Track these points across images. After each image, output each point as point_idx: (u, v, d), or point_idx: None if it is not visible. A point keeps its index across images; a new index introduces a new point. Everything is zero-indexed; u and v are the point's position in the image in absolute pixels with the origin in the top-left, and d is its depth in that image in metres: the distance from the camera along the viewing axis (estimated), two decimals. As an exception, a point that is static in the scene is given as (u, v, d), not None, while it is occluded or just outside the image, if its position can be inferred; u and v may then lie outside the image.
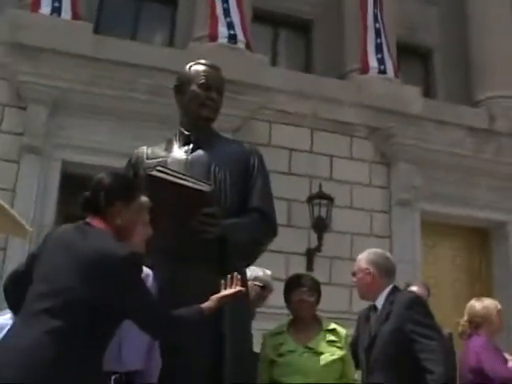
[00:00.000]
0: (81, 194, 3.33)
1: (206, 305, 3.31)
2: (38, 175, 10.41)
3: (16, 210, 10.02)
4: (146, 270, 3.72)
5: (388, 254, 4.93)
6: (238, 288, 3.39)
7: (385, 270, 4.84)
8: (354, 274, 4.83)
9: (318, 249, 11.20)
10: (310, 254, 11.29)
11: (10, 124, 10.69)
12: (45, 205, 10.23)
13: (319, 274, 10.75)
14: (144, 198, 3.56)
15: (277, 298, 5.09)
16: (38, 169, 10.47)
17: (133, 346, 3.45)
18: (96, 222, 3.21)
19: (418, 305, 4.68)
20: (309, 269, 10.96)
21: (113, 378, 3.36)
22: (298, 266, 10.49)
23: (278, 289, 4.96)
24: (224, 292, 3.40)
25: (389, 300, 4.68)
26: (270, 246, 4.48)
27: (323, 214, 11.13)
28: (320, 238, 11.18)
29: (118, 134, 10.39)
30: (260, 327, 5.04)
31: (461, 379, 5.99)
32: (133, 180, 3.52)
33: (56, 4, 11.24)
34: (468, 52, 14.32)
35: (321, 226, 11.16)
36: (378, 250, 5.02)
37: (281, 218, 10.82)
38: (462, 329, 6.25)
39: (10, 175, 10.38)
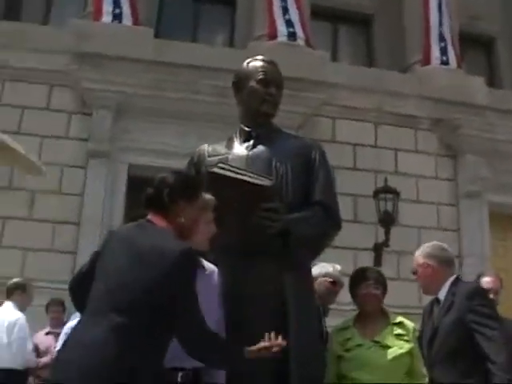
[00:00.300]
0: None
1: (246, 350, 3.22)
2: (104, 179, 10.62)
3: (85, 215, 10.28)
4: (211, 267, 3.75)
5: (444, 245, 4.85)
6: (279, 342, 3.30)
7: (444, 260, 4.77)
8: (414, 273, 4.77)
9: (386, 243, 11.12)
10: (378, 249, 11.21)
11: (76, 130, 10.95)
12: (113, 208, 10.42)
13: (387, 268, 10.65)
14: (208, 196, 3.58)
15: (345, 294, 5.07)
16: (104, 173, 10.67)
17: None
18: (157, 220, 3.21)
19: (478, 295, 4.59)
20: (377, 264, 10.87)
21: (180, 374, 3.37)
22: (366, 262, 10.38)
23: (346, 285, 4.93)
24: (264, 344, 3.28)
25: (451, 291, 4.61)
26: (338, 242, 4.47)
27: (389, 208, 11.04)
28: (387, 233, 11.10)
29: (183, 136, 10.49)
30: (329, 324, 5.04)
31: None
32: (196, 179, 3.52)
33: (117, 11, 11.44)
34: (532, 38, 14.02)
35: (387, 220, 11.08)
36: (433, 243, 4.96)
37: (347, 213, 10.97)
38: None
39: (77, 180, 10.62)
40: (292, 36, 11.96)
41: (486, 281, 6.33)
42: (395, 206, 11.10)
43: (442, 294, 4.64)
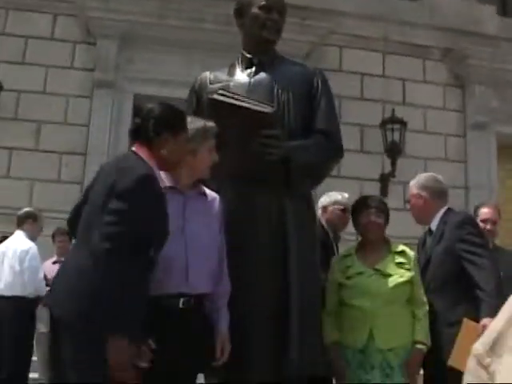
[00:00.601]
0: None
1: None
2: (110, 109, 10.60)
3: (91, 145, 10.27)
4: (213, 194, 3.74)
5: (439, 177, 4.89)
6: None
7: (437, 192, 4.80)
8: (408, 202, 4.83)
9: (392, 174, 11.11)
10: (384, 180, 11.22)
11: (81, 60, 10.86)
12: (118, 137, 10.37)
13: (393, 199, 10.69)
14: (210, 124, 3.57)
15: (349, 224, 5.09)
16: (110, 103, 10.64)
17: (200, 269, 3.46)
18: (141, 151, 3.24)
19: (468, 224, 4.62)
20: (383, 194, 10.86)
21: (182, 300, 3.38)
22: (372, 192, 10.28)
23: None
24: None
25: (442, 221, 4.65)
26: (344, 172, 4.48)
27: (396, 138, 11.00)
28: (393, 164, 11.08)
29: (188, 65, 10.39)
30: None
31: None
32: (182, 112, 3.44)
33: None
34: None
35: (394, 150, 11.05)
36: (428, 174, 5.01)
37: (353, 143, 10.93)
38: None
39: (83, 110, 10.59)
40: (300, -37, 11.73)
41: (484, 211, 6.31)
42: (402, 137, 11.05)
43: (434, 225, 4.69)
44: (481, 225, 5.96)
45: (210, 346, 3.51)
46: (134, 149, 3.29)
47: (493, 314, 4.20)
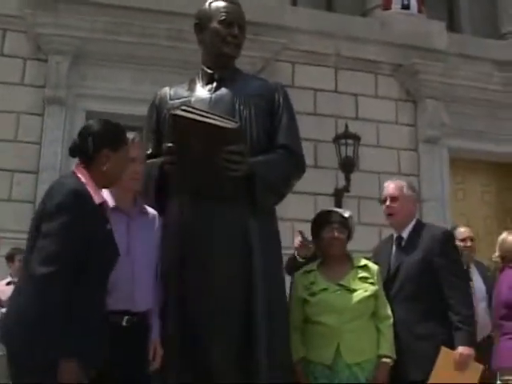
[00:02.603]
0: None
1: None
2: (62, 126, 10.43)
3: (43, 163, 10.11)
4: (152, 211, 3.77)
5: None
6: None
7: (416, 199, 4.84)
8: (392, 199, 4.71)
9: (346, 189, 11.12)
10: (338, 195, 11.21)
11: (31, 77, 10.68)
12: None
13: (348, 214, 10.74)
14: (132, 135, 3.57)
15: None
16: (62, 120, 10.48)
17: (145, 287, 3.52)
18: (79, 170, 3.26)
19: (451, 241, 4.63)
20: (338, 209, 10.90)
21: (125, 318, 3.42)
22: (327, 207, 10.42)
23: (307, 230, 4.90)
24: None
25: (415, 231, 4.62)
26: (299, 188, 4.44)
27: (350, 153, 11.01)
28: (348, 178, 11.09)
29: (140, 81, 10.34)
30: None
31: (495, 313, 5.96)
32: (121, 127, 3.44)
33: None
34: (493, -17, 13.96)
35: (348, 165, 11.05)
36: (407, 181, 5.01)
37: (308, 159, 10.72)
38: (495, 265, 6.22)
39: (35, 128, 10.41)
40: (252, -21, 11.75)
41: (461, 231, 6.54)
42: (356, 152, 11.07)
43: (405, 233, 4.65)
44: (461, 244, 6.10)
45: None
46: (74, 169, 3.30)
47: (468, 342, 4.24)
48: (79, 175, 3.22)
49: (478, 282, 6.54)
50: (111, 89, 10.59)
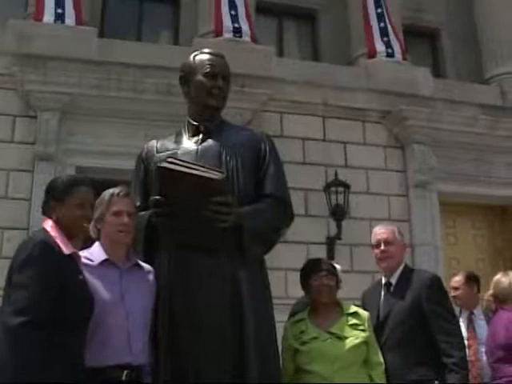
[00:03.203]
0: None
1: None
2: (52, 182, 10.41)
3: (33, 219, 10.08)
4: (148, 266, 3.81)
5: None
6: None
7: (404, 245, 4.88)
8: (386, 243, 4.73)
9: (338, 236, 11.15)
10: (330, 243, 11.24)
11: (21, 134, 10.71)
12: (61, 211, 10.21)
13: (340, 261, 10.65)
14: (118, 188, 3.74)
15: (294, 288, 5.04)
16: (52, 176, 10.40)
17: (141, 339, 3.53)
18: (49, 225, 3.43)
19: (438, 285, 4.64)
20: (330, 257, 10.89)
21: (125, 372, 3.40)
22: (319, 255, 10.32)
23: (295, 279, 4.89)
24: None
25: (404, 276, 4.64)
26: (290, 237, 4.47)
27: (340, 201, 11.07)
28: (339, 226, 11.13)
29: (130, 136, 10.38)
30: (281, 319, 5.01)
31: (490, 356, 5.93)
32: (63, 180, 3.64)
33: (59, 11, 11.24)
34: (476, 29, 14.13)
35: (339, 213, 11.11)
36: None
37: (298, 207, 10.94)
38: (486, 304, 6.21)
39: (25, 184, 10.41)
40: (238, 32, 11.88)
41: (456, 280, 6.59)
42: (346, 199, 11.13)
43: (394, 279, 4.67)
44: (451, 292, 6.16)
45: None
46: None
47: (462, 383, 4.22)
48: (48, 229, 3.38)
49: (482, 327, 6.52)
50: (100, 144, 10.63)
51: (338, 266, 4.53)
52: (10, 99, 10.75)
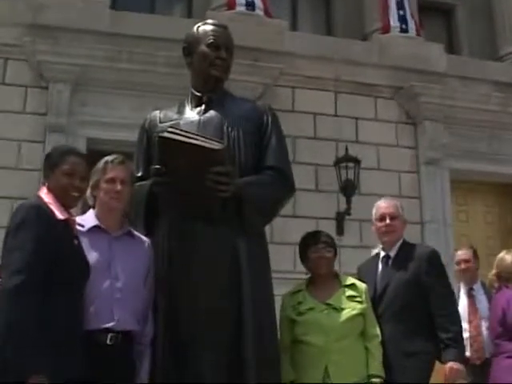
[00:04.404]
0: None
1: None
2: (63, 153, 10.44)
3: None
4: (142, 237, 3.84)
5: None
6: None
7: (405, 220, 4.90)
8: (392, 218, 4.75)
9: (348, 212, 11.15)
10: (340, 218, 11.24)
11: (33, 105, 10.75)
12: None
13: (350, 237, 10.78)
14: (112, 156, 3.79)
15: (289, 262, 5.04)
16: (63, 147, 10.51)
17: (126, 306, 3.54)
18: (44, 193, 3.47)
19: (437, 259, 4.65)
20: (339, 233, 10.92)
21: (109, 336, 3.44)
22: (328, 230, 10.26)
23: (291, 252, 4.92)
24: None
25: (403, 250, 4.66)
26: (300, 212, 4.47)
27: (351, 176, 11.05)
28: (349, 202, 11.12)
29: (141, 108, 10.32)
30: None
31: (491, 332, 5.97)
32: (61, 149, 3.69)
33: (73, -18, 11.21)
34: (491, 5, 14.05)
35: (349, 189, 11.09)
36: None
37: (308, 182, 10.97)
38: (489, 282, 6.24)
39: (36, 155, 10.43)
40: (250, 5, 11.83)
41: (456, 254, 6.62)
42: (356, 175, 11.11)
43: (393, 252, 4.69)
44: (455, 267, 6.18)
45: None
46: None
47: (458, 358, 4.26)
48: (42, 196, 3.42)
49: (483, 302, 6.54)
50: (112, 115, 10.66)
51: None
52: (22, 70, 10.77)
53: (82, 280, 3.35)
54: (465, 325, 6.02)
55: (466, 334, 6.20)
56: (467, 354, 5.47)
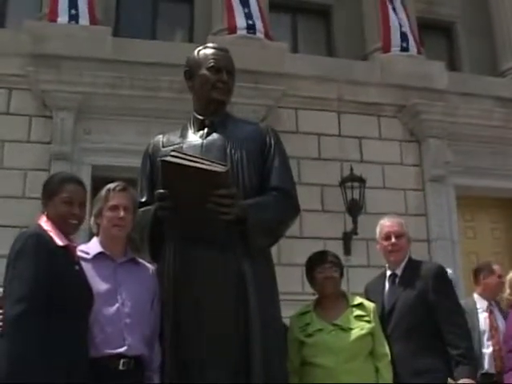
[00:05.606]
0: None
1: None
2: (68, 181, 10.47)
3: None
4: (147, 265, 3.87)
5: None
6: None
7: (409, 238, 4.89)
8: (397, 236, 4.74)
9: (354, 232, 11.13)
10: (347, 238, 11.22)
11: (37, 134, 10.82)
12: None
13: (357, 256, 10.75)
14: (114, 184, 3.80)
15: (297, 284, 5.03)
16: (68, 175, 10.53)
17: (136, 331, 3.54)
18: (43, 221, 3.51)
19: (444, 276, 4.64)
20: (346, 253, 10.91)
21: (122, 361, 3.43)
22: (336, 251, 10.28)
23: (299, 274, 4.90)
24: None
25: (409, 267, 4.64)
26: (307, 233, 4.46)
27: (356, 196, 11.06)
28: (355, 221, 11.11)
29: (144, 134, 10.35)
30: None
31: (505, 346, 5.97)
32: (57, 178, 3.70)
33: (73, 11, 11.32)
34: (490, 21, 14.08)
35: (355, 208, 11.10)
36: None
37: (314, 203, 10.95)
38: (506, 302, 6.26)
39: (41, 183, 10.41)
40: (251, 29, 11.90)
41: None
42: (362, 194, 11.11)
43: (399, 270, 4.67)
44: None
45: None
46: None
47: (470, 375, 4.23)
48: (41, 224, 3.45)
49: (499, 319, 6.55)
50: (116, 142, 10.72)
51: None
52: (26, 100, 10.85)
53: (84, 306, 3.35)
54: (486, 340, 6.23)
55: (489, 349, 6.21)
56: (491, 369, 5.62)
